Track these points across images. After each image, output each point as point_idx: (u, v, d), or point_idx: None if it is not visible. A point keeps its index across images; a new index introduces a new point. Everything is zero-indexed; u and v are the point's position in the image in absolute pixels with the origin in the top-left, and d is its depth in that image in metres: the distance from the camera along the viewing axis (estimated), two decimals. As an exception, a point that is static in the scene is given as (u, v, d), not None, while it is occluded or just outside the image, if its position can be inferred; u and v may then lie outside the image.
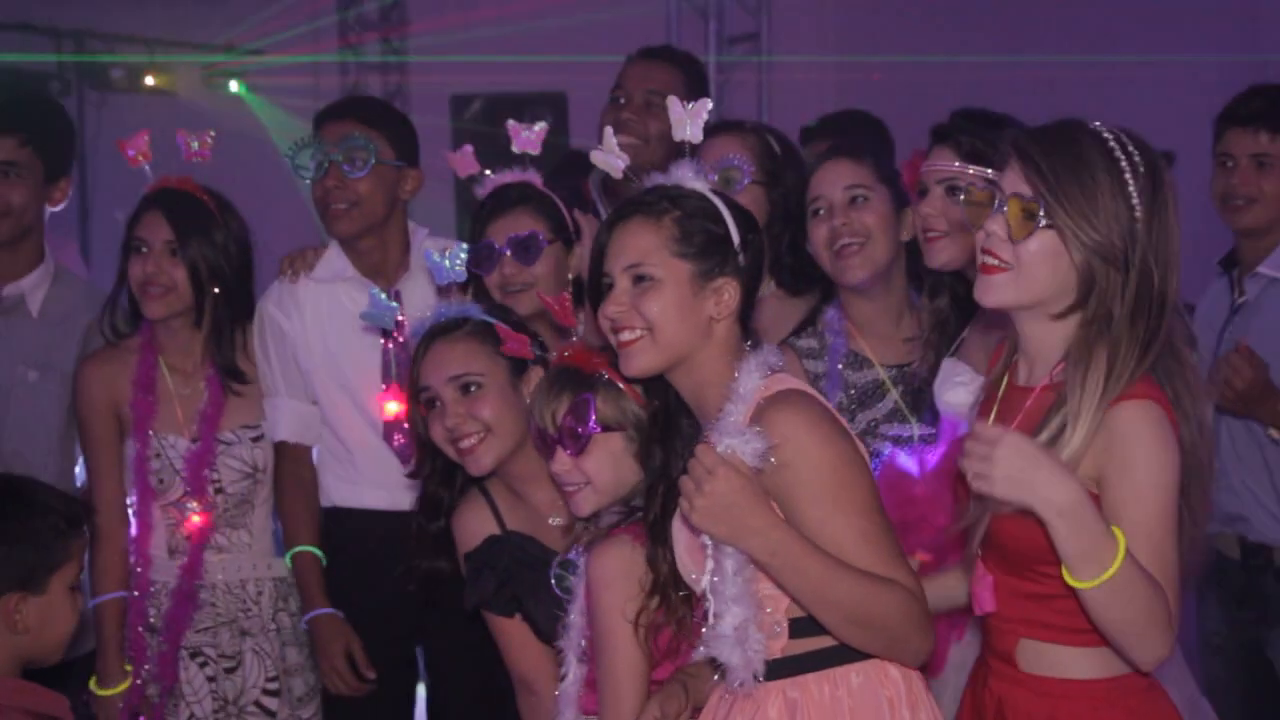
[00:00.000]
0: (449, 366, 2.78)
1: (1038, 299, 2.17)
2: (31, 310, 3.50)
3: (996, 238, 2.17)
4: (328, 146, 3.30)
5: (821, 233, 3.06)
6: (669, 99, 2.49)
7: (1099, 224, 2.12)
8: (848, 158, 3.10)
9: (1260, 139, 3.46)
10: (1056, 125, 2.21)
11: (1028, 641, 2.24)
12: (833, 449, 2.23)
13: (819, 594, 2.19)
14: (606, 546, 2.48)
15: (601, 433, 2.49)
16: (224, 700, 3.31)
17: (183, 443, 3.31)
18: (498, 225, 3.09)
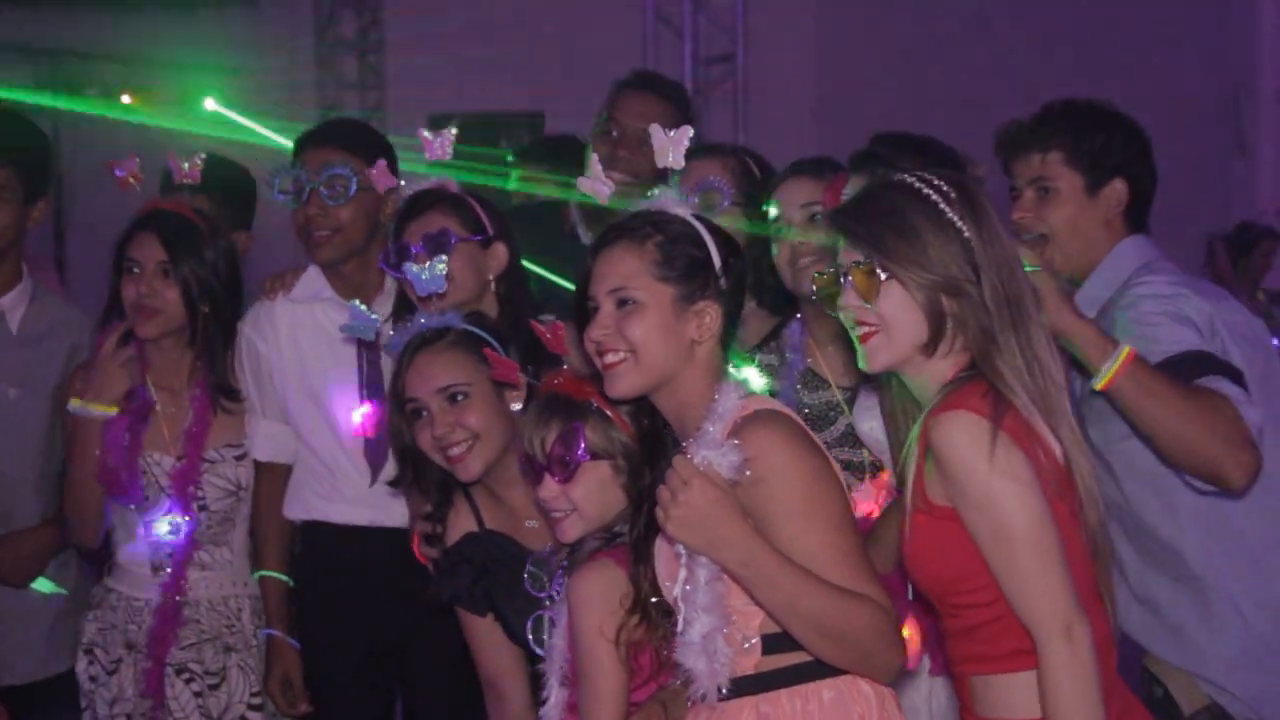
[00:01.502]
0: (435, 378, 2.81)
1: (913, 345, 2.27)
2: (11, 328, 3.50)
3: (857, 308, 2.29)
4: (309, 174, 3.32)
5: (784, 252, 3.10)
6: (652, 127, 2.54)
7: (929, 261, 2.24)
8: (807, 175, 3.14)
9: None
10: (865, 189, 2.40)
11: (975, 679, 2.29)
12: (806, 465, 2.27)
13: (791, 606, 2.22)
14: (588, 569, 2.50)
15: (590, 461, 2.51)
16: (209, 716, 3.32)
17: (168, 460, 3.33)
18: (412, 227, 3.12)
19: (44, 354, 3.49)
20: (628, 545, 2.50)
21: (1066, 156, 2.97)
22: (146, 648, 3.30)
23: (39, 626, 3.47)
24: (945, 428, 2.19)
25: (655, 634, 2.43)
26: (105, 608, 3.36)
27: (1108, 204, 2.98)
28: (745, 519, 2.21)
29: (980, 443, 2.16)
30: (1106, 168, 2.98)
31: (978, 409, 2.19)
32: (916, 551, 2.27)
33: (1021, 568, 2.15)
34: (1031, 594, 2.15)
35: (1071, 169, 2.97)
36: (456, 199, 3.16)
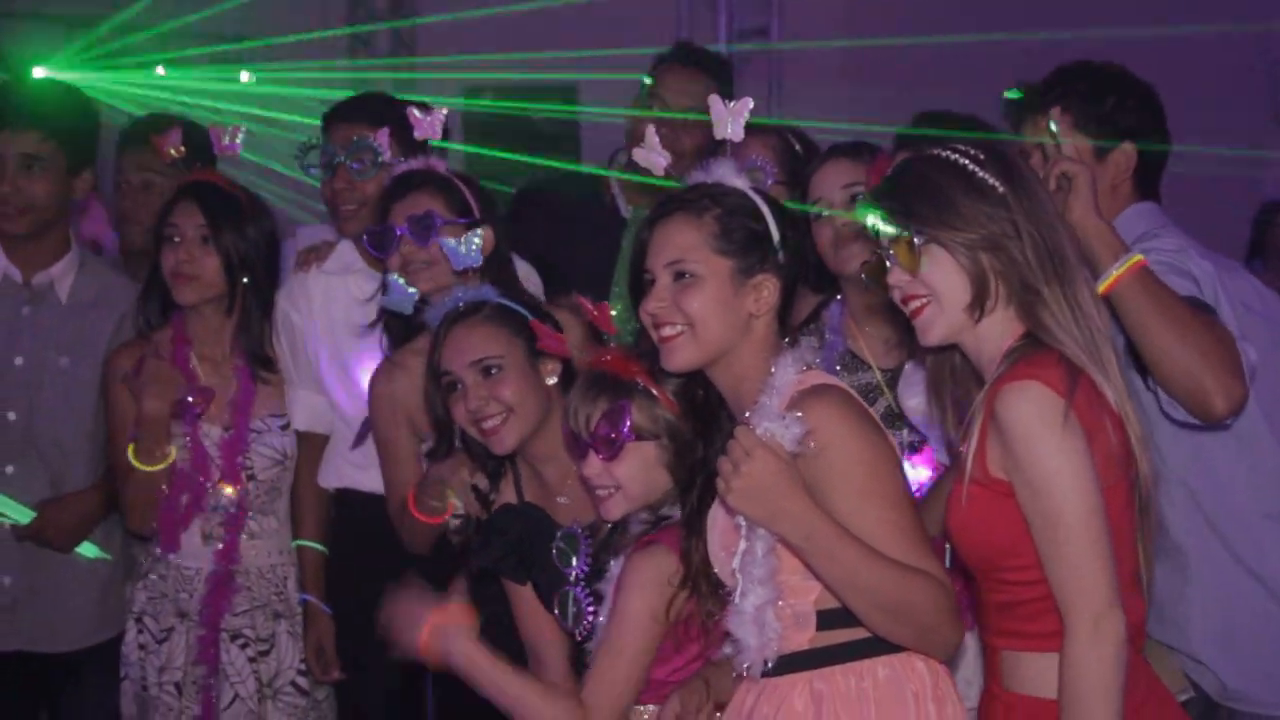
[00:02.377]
0: (470, 351, 2.83)
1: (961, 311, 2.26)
2: (60, 298, 3.54)
3: (905, 283, 2.28)
4: (335, 148, 3.36)
5: (825, 234, 3.08)
6: (710, 97, 2.53)
7: (963, 221, 2.23)
8: (847, 157, 3.13)
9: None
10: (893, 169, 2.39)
11: (1007, 654, 2.29)
12: (865, 441, 2.28)
13: (850, 580, 2.22)
14: (644, 554, 2.52)
15: (635, 441, 2.52)
16: (261, 682, 3.39)
17: (216, 431, 3.38)
18: (397, 208, 3.14)
19: (93, 322, 3.53)
20: (679, 522, 2.52)
21: (1074, 119, 2.94)
22: (200, 615, 3.36)
23: (87, 594, 3.51)
24: (1014, 398, 2.17)
25: (703, 606, 2.45)
26: (155, 576, 3.42)
27: (1116, 168, 2.95)
28: (806, 492, 2.21)
29: (1049, 421, 2.14)
30: (1115, 131, 2.95)
31: (1050, 381, 2.17)
32: (966, 522, 2.26)
33: (1064, 554, 2.15)
34: (1068, 580, 2.15)
35: (1079, 132, 2.94)
36: (443, 180, 3.18)
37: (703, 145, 3.69)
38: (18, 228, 3.45)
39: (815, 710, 2.30)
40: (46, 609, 3.47)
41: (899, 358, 3.08)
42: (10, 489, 3.44)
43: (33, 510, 3.43)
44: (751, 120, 2.52)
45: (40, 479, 3.46)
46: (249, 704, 3.37)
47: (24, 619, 3.45)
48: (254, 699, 3.38)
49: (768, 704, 2.34)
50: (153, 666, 3.37)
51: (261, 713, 3.39)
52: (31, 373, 3.48)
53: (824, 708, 2.30)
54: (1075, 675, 2.13)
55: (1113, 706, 2.12)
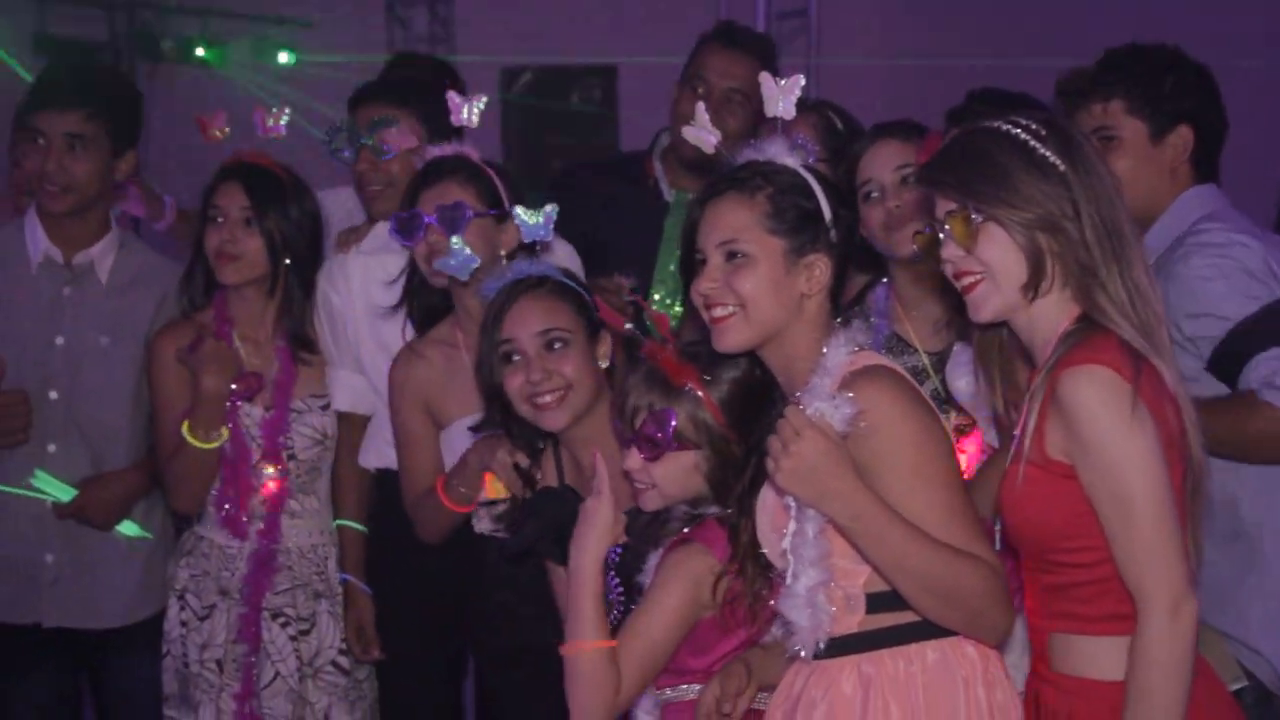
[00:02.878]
0: (536, 321, 2.81)
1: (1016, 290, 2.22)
2: (100, 278, 3.55)
3: (959, 258, 2.24)
4: (360, 130, 3.36)
5: (876, 216, 3.05)
6: (761, 75, 2.49)
7: (1022, 199, 2.19)
8: (896, 137, 3.08)
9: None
10: (950, 140, 2.33)
11: (1057, 636, 2.26)
12: (917, 423, 2.25)
13: (899, 563, 2.20)
14: (680, 551, 2.51)
15: (677, 449, 2.50)
16: (302, 660, 3.41)
17: (257, 411, 3.40)
18: (427, 195, 3.12)
19: (133, 302, 3.54)
20: (718, 517, 2.51)
21: (1128, 104, 2.91)
22: (241, 593, 3.38)
23: (128, 572, 3.53)
24: (1079, 382, 2.14)
25: (751, 588, 2.44)
26: (197, 554, 3.44)
27: (1173, 151, 2.92)
28: (856, 473, 2.19)
29: (1117, 404, 2.12)
30: (1171, 114, 2.92)
31: (1115, 365, 2.14)
32: (1022, 503, 2.24)
33: (1137, 537, 2.12)
34: (1144, 564, 2.12)
35: (1134, 117, 2.91)
36: (475, 169, 3.16)
37: (746, 126, 3.67)
38: (60, 206, 3.46)
39: (863, 694, 2.29)
40: (87, 586, 3.49)
41: (945, 340, 3.05)
42: (52, 467, 3.46)
43: (74, 488, 3.45)
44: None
45: (82, 458, 3.48)
46: (290, 682, 3.39)
47: (66, 595, 3.47)
48: (295, 677, 3.40)
49: (816, 687, 2.33)
50: (194, 643, 3.40)
51: (302, 691, 3.41)
52: (72, 352, 3.49)
53: (872, 691, 2.29)
54: (1150, 660, 2.10)
55: (1184, 692, 2.10)
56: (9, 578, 3.47)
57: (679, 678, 2.55)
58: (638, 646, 2.46)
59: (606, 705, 2.45)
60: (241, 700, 3.35)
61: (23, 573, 3.47)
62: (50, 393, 3.47)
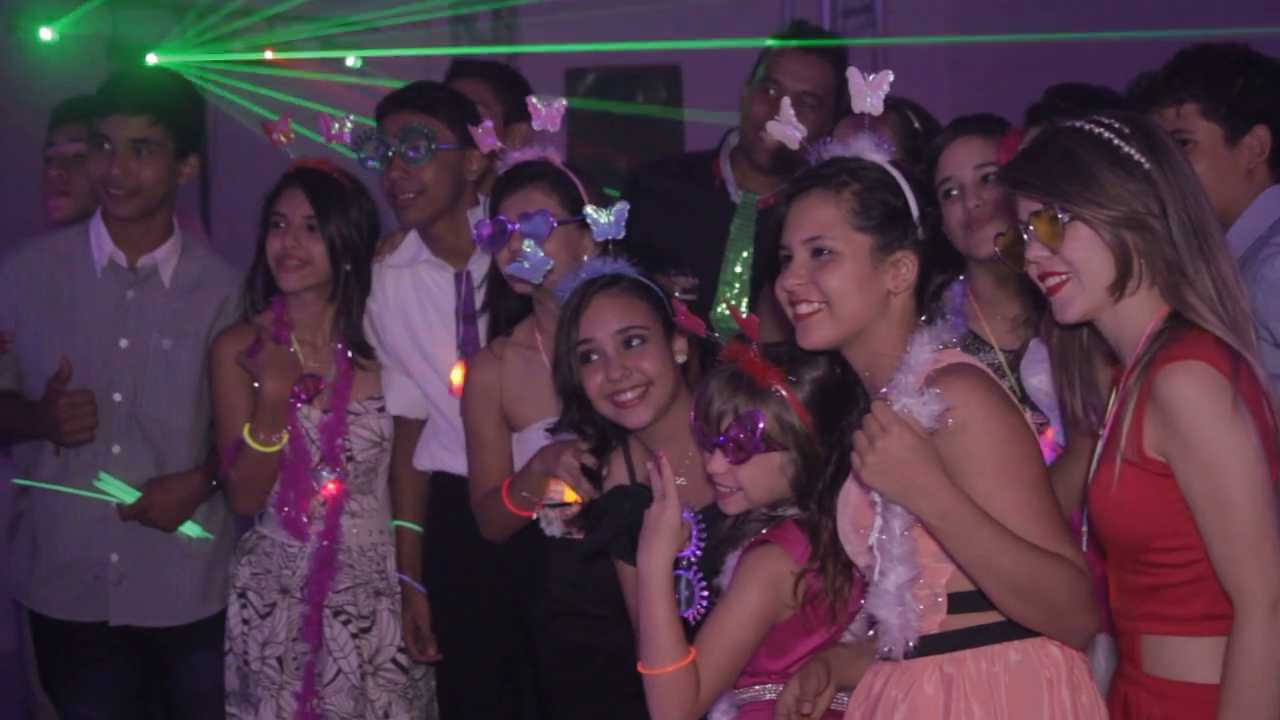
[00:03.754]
0: (614, 320, 2.81)
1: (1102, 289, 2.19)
2: (164, 281, 3.58)
3: (1044, 259, 2.21)
4: (389, 137, 3.36)
5: (956, 214, 3.02)
6: (850, 70, 2.46)
7: (1108, 198, 2.16)
8: (976, 134, 3.05)
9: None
10: (1033, 140, 2.31)
11: (1149, 638, 2.23)
12: (1003, 421, 2.22)
13: (985, 562, 2.17)
14: (758, 553, 2.49)
15: (765, 451, 2.48)
16: (361, 658, 3.44)
17: (315, 414, 3.42)
18: (510, 202, 3.12)
19: (195, 305, 3.57)
20: (796, 519, 2.50)
21: (1202, 107, 2.88)
22: (303, 592, 3.41)
23: (190, 571, 3.57)
24: (1180, 379, 2.11)
25: (831, 585, 2.42)
26: (258, 553, 3.48)
27: (1250, 153, 2.88)
28: (942, 469, 2.17)
29: (1217, 400, 2.09)
30: (1246, 115, 2.88)
31: (1213, 361, 2.11)
32: (1118, 503, 2.20)
33: (1236, 535, 2.08)
34: (1242, 562, 2.08)
35: (1208, 120, 2.88)
36: (557, 174, 3.15)
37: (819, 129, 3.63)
38: (125, 210, 3.49)
39: (945, 695, 2.26)
40: (151, 585, 3.53)
41: (1021, 338, 3.03)
42: (117, 468, 3.51)
43: (138, 490, 3.48)
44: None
45: (145, 459, 3.52)
46: (351, 679, 3.42)
47: (131, 594, 3.52)
48: (356, 674, 3.42)
49: (897, 688, 2.31)
50: (255, 641, 3.43)
51: (363, 688, 3.43)
52: (136, 355, 3.53)
53: (954, 692, 2.26)
54: (1248, 660, 2.07)
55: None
56: (76, 578, 3.52)
57: (755, 679, 2.54)
58: (717, 650, 2.45)
59: (686, 713, 2.44)
60: (303, 699, 3.39)
61: (89, 573, 3.52)
62: (114, 395, 3.51)
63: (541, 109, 3.14)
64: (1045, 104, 2.98)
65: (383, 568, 3.50)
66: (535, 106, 3.15)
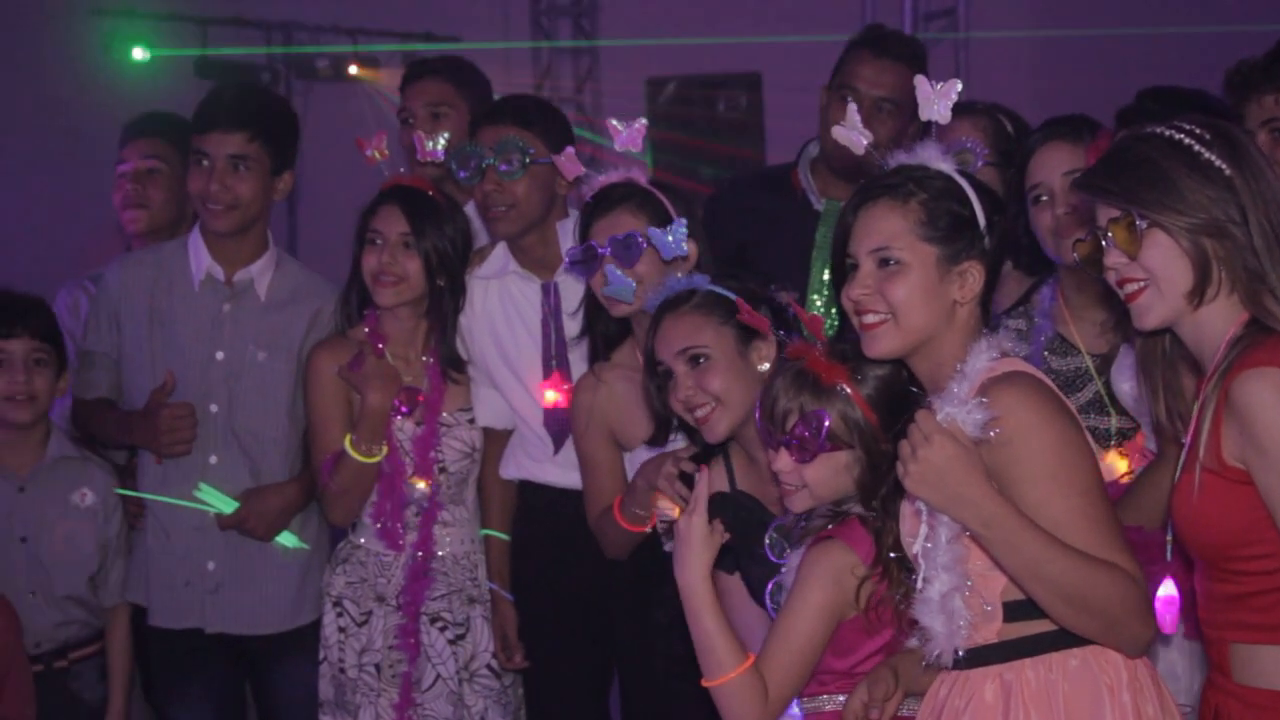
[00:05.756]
0: (677, 340, 2.83)
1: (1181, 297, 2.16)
2: (259, 294, 3.64)
3: (1122, 265, 2.19)
4: (483, 150, 3.37)
5: (1045, 220, 3.00)
6: (917, 78, 2.45)
7: (1188, 205, 2.13)
8: (1066, 140, 3.02)
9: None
10: (1113, 146, 2.28)
11: (1238, 647, 2.19)
12: (1054, 429, 2.20)
13: (1034, 571, 2.15)
14: (821, 548, 2.49)
15: (831, 450, 2.48)
16: (458, 664, 3.47)
17: (409, 426, 3.46)
18: (599, 226, 3.12)
19: (289, 319, 3.63)
20: (860, 515, 2.49)
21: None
22: (398, 601, 3.45)
23: (285, 581, 3.61)
24: (1254, 384, 2.08)
25: (896, 590, 2.41)
26: (353, 563, 3.51)
27: None
28: (987, 479, 2.15)
29: None
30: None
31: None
32: (1201, 512, 2.18)
33: None
34: None
35: None
36: (644, 195, 3.15)
37: (896, 135, 3.61)
38: (223, 225, 3.56)
39: (1004, 703, 2.25)
40: (247, 594, 3.58)
41: (1110, 343, 2.99)
42: (214, 478, 3.56)
43: (235, 500, 3.54)
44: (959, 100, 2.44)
45: (242, 469, 3.58)
46: (450, 684, 3.46)
47: (226, 603, 3.57)
48: (454, 680, 3.46)
49: (959, 696, 2.30)
50: (352, 649, 3.47)
51: (460, 694, 3.47)
52: (231, 367, 3.58)
53: (1012, 699, 2.24)
54: None
55: None
56: (172, 585, 3.58)
57: (821, 685, 2.53)
58: (785, 650, 2.44)
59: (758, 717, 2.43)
60: (400, 709, 3.42)
61: (186, 580, 3.58)
62: (211, 406, 3.57)
63: (622, 129, 3.15)
64: (1135, 107, 2.94)
65: (475, 575, 3.54)
66: (615, 128, 3.16)
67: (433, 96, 3.87)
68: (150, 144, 4.06)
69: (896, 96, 3.65)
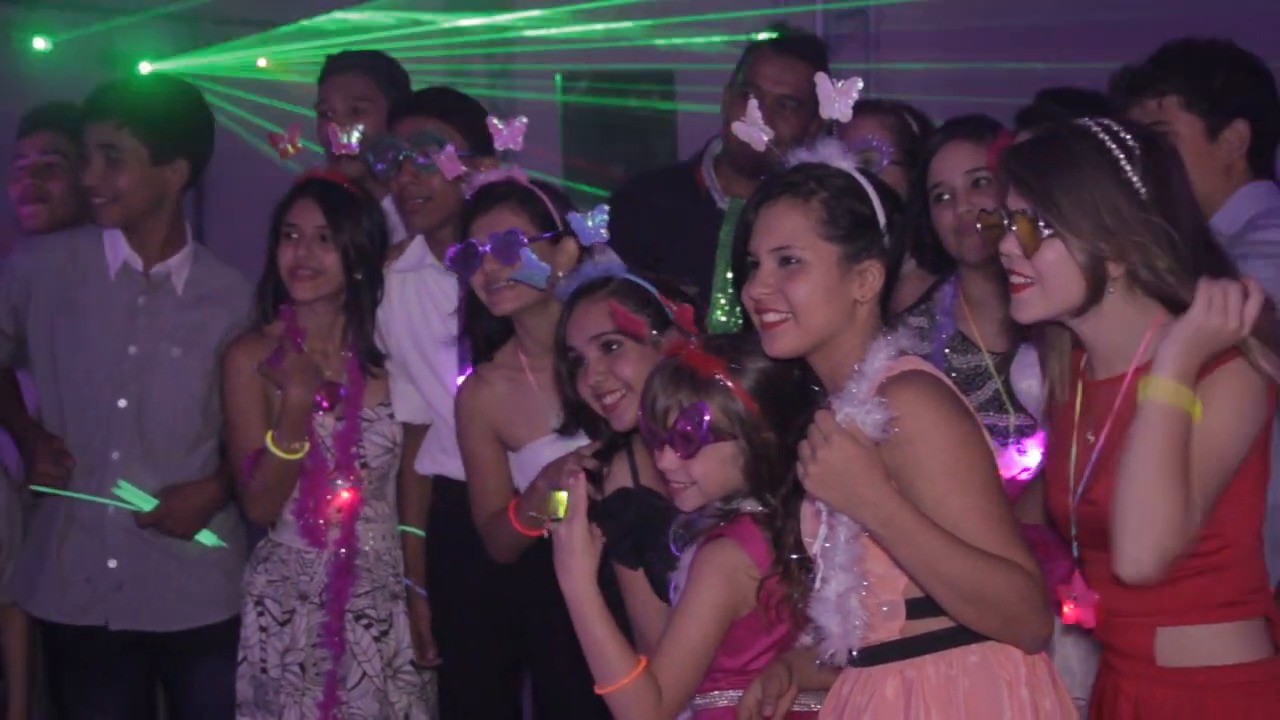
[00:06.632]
0: (591, 325, 2.83)
1: (1068, 305, 2.20)
2: (176, 289, 3.59)
3: (1016, 257, 2.21)
4: (401, 142, 3.36)
5: (946, 219, 3.03)
6: (818, 76, 2.47)
7: (1098, 227, 2.15)
8: (968, 140, 3.05)
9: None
10: (1044, 131, 2.26)
11: (1165, 630, 2.22)
12: (952, 428, 2.23)
13: (933, 569, 2.17)
14: (712, 547, 2.49)
15: (713, 442, 2.48)
16: (383, 661, 3.46)
17: (330, 422, 3.44)
18: (479, 224, 3.11)
19: (206, 315, 3.58)
20: (750, 515, 2.49)
21: (1184, 100, 2.87)
22: (322, 599, 3.42)
23: (193, 577, 3.56)
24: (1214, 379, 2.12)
25: (796, 589, 2.41)
26: (274, 561, 3.48)
27: (1229, 148, 2.88)
28: (886, 478, 2.17)
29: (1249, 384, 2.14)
30: (1227, 109, 2.87)
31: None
32: None
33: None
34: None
35: (1190, 112, 2.87)
36: (525, 193, 3.15)
37: (800, 133, 3.63)
38: (108, 219, 3.50)
39: (905, 700, 2.27)
40: (152, 591, 3.53)
41: (1011, 341, 3.03)
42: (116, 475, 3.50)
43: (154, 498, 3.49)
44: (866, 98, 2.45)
45: (144, 466, 3.52)
46: (376, 682, 3.44)
47: (131, 599, 3.51)
48: (380, 677, 3.44)
49: (861, 694, 2.32)
50: (274, 649, 3.43)
51: (386, 691, 3.45)
52: (144, 361, 3.53)
53: (913, 696, 2.27)
54: None
55: None
56: (76, 583, 3.52)
57: (713, 682, 2.53)
58: (678, 652, 2.44)
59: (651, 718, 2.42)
60: (325, 708, 3.39)
61: (86, 577, 3.51)
62: (119, 401, 3.51)
63: (503, 128, 3.14)
64: (1036, 108, 2.98)
65: (398, 571, 3.52)
66: (497, 126, 3.15)
67: (352, 91, 3.84)
68: (48, 137, 3.98)
69: (799, 94, 3.67)
